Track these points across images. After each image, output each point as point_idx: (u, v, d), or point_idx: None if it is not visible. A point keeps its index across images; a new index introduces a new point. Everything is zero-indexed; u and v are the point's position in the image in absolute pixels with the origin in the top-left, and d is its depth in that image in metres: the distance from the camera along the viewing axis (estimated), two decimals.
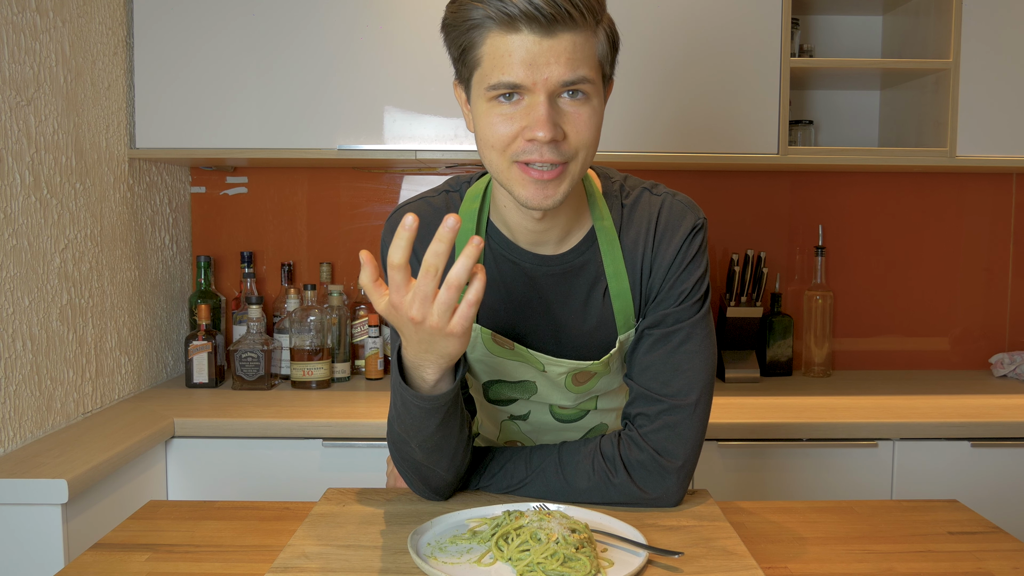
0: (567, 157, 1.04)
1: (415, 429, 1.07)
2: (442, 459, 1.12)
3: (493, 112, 1.04)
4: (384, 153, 2.16)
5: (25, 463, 1.56)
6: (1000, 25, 2.17)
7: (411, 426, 1.07)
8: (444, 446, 1.10)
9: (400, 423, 1.09)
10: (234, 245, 2.52)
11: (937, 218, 2.56)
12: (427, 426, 1.06)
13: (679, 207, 1.19)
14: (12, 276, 1.67)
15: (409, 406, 1.05)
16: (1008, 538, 1.12)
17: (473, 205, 1.19)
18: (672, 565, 0.98)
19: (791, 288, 2.56)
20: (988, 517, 1.32)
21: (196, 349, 2.22)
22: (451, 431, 1.09)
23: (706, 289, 1.18)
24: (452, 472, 1.14)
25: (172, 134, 2.14)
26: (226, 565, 1.03)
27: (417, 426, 1.06)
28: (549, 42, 1.00)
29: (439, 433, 1.08)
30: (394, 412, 1.10)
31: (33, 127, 1.74)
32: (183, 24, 2.12)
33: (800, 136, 2.42)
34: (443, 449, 1.10)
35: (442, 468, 1.13)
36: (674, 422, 1.14)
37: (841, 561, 1.05)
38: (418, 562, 0.95)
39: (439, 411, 1.05)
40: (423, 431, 1.07)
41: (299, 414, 1.95)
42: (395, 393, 1.07)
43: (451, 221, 0.88)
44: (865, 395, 2.20)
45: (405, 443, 1.11)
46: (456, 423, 1.09)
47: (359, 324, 2.37)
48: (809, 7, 2.44)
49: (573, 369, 1.18)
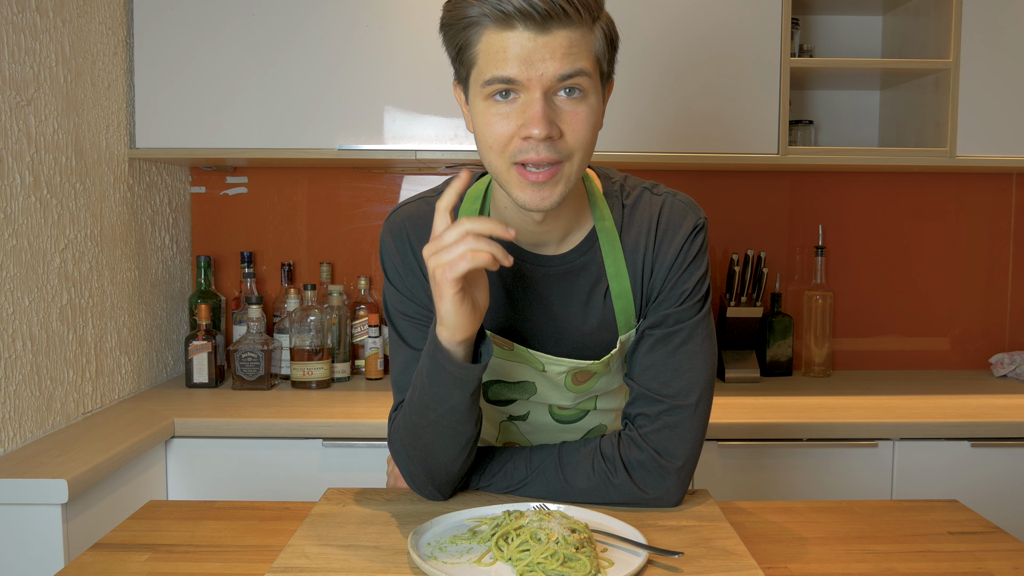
0: (564, 155, 1.05)
1: (441, 402, 1.07)
2: (455, 444, 1.12)
3: (490, 111, 1.04)
4: (384, 153, 2.16)
5: (25, 463, 1.56)
6: (1000, 25, 2.17)
7: (438, 399, 1.07)
8: (461, 430, 1.10)
9: (424, 399, 1.09)
10: (234, 245, 2.52)
11: (937, 218, 2.56)
12: (456, 399, 1.07)
13: (680, 207, 1.19)
14: (12, 276, 1.67)
15: (443, 375, 1.05)
16: (1008, 538, 1.12)
17: (474, 206, 1.19)
18: (672, 565, 0.98)
19: (791, 288, 2.56)
20: (988, 517, 1.32)
21: (196, 349, 2.22)
22: (473, 413, 1.10)
23: (707, 289, 1.18)
24: (459, 463, 1.14)
25: (172, 134, 2.14)
26: (226, 565, 1.03)
27: (445, 398, 1.07)
28: (544, 39, 1.00)
29: (466, 409, 1.08)
30: (417, 392, 1.10)
31: (33, 127, 1.74)
32: (183, 24, 2.12)
33: (800, 136, 2.42)
34: (459, 433, 1.11)
35: (451, 455, 1.13)
36: (674, 422, 1.14)
37: (841, 561, 1.05)
38: (418, 562, 0.95)
39: (471, 383, 1.06)
40: (448, 402, 1.07)
41: (299, 414, 1.95)
42: (427, 366, 1.07)
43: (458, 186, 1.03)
44: (865, 395, 2.20)
45: (420, 427, 1.11)
46: (477, 407, 1.10)
47: (359, 324, 2.37)
48: (809, 7, 2.44)
49: (573, 368, 1.18)
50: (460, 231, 0.99)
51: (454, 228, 0.99)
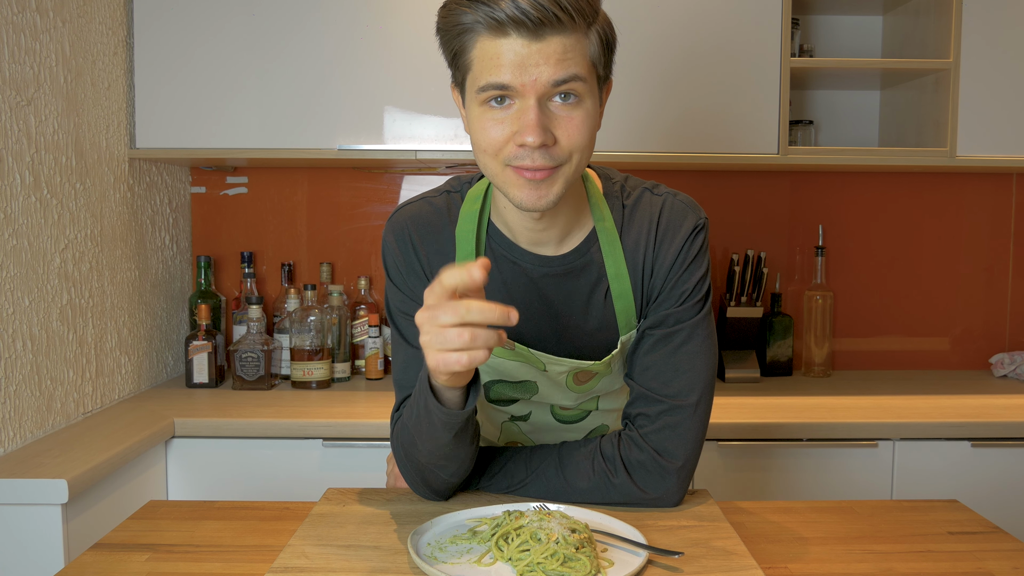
0: (559, 161, 1.05)
1: (431, 438, 1.08)
2: (449, 465, 1.13)
3: (485, 117, 1.05)
4: (384, 153, 2.16)
5: (25, 463, 1.56)
6: (1000, 25, 2.17)
7: (428, 435, 1.08)
8: (453, 455, 1.11)
9: (416, 429, 1.10)
10: (234, 245, 2.52)
11: (937, 218, 2.56)
12: (443, 437, 1.07)
13: (680, 207, 1.19)
14: (12, 276, 1.67)
15: (432, 416, 1.05)
16: (1008, 538, 1.12)
17: (474, 206, 1.19)
18: (672, 565, 0.98)
19: (791, 288, 2.56)
20: (988, 517, 1.32)
21: (196, 349, 2.22)
22: (463, 442, 1.10)
23: (707, 289, 1.18)
24: (456, 477, 1.15)
25: (172, 134, 2.14)
26: (226, 565, 1.03)
27: (434, 436, 1.07)
28: (538, 45, 1.00)
29: (453, 443, 1.09)
30: (412, 418, 1.10)
31: (33, 127, 1.74)
32: (183, 24, 2.12)
33: (800, 136, 2.42)
34: (451, 458, 1.11)
35: (447, 473, 1.14)
36: (675, 422, 1.14)
37: (841, 561, 1.05)
38: (418, 562, 0.95)
39: (457, 426, 1.06)
40: (438, 440, 1.08)
41: (299, 414, 1.95)
42: (418, 400, 1.07)
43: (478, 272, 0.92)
44: (865, 395, 2.20)
45: (415, 447, 1.12)
46: (468, 435, 1.10)
47: (359, 324, 2.37)
48: (809, 7, 2.44)
49: (574, 368, 1.18)
50: (457, 317, 0.91)
51: (451, 309, 0.92)
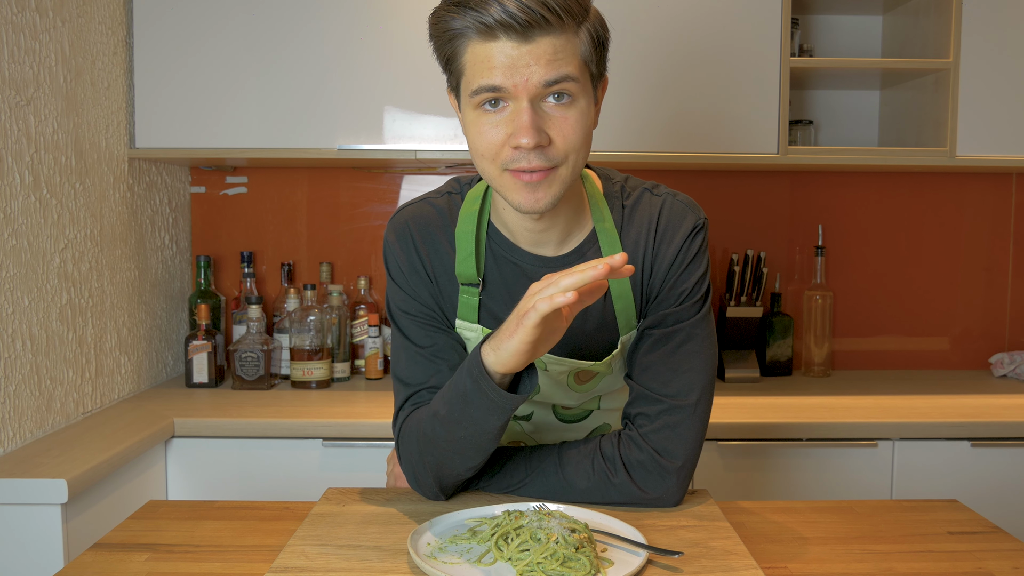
0: (555, 162, 1.05)
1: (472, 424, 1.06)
2: (475, 457, 1.12)
3: (480, 120, 1.05)
4: (384, 153, 2.16)
5: (25, 463, 1.56)
6: (1000, 25, 2.17)
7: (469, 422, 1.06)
8: (486, 447, 1.10)
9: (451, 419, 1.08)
10: (234, 245, 2.52)
11: (937, 218, 2.56)
12: (490, 424, 1.06)
13: (680, 207, 1.19)
14: (12, 276, 1.67)
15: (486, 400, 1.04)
16: (1008, 538, 1.12)
17: (473, 207, 1.19)
18: (672, 565, 0.98)
19: (791, 288, 2.56)
20: (988, 517, 1.31)
21: (196, 349, 2.22)
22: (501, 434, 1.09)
23: (707, 289, 1.18)
24: (473, 470, 1.15)
25: (172, 134, 2.14)
26: (226, 565, 1.03)
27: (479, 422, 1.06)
28: (528, 47, 1.01)
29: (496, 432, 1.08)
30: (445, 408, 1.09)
31: (33, 127, 1.74)
32: (183, 24, 2.12)
33: (800, 136, 2.42)
34: (482, 449, 1.10)
35: (468, 465, 1.13)
36: (674, 422, 1.15)
37: (841, 561, 1.05)
38: (418, 562, 0.95)
39: (508, 412, 1.05)
40: (481, 426, 1.06)
41: (299, 414, 1.95)
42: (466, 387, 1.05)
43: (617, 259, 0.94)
44: (865, 395, 2.20)
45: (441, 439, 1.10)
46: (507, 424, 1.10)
47: (359, 324, 2.37)
48: (809, 7, 2.44)
49: (574, 368, 1.18)
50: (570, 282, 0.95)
51: (567, 275, 0.95)
